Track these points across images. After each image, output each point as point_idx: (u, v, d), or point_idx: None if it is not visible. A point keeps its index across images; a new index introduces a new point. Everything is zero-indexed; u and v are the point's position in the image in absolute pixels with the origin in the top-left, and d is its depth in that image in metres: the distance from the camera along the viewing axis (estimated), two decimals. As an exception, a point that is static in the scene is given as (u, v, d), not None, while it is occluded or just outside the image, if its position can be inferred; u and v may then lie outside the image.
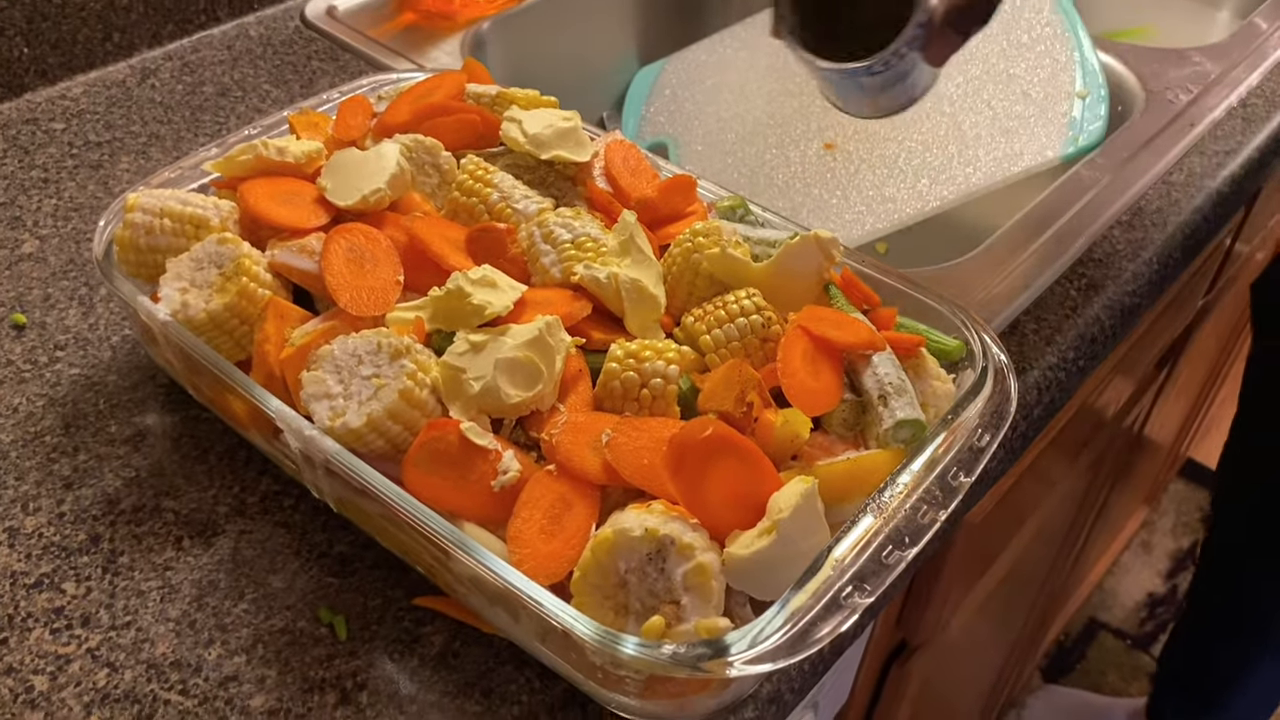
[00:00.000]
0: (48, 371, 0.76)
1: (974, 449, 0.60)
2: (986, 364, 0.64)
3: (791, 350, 0.62)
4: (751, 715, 0.60)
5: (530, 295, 0.65)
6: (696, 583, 0.52)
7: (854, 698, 0.98)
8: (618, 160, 0.76)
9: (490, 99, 0.81)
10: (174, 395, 0.75)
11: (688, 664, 0.49)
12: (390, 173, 0.71)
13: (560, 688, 0.60)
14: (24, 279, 0.83)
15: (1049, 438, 0.99)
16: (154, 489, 0.69)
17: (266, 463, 0.71)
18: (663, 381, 0.60)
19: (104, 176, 0.94)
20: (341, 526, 0.67)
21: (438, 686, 0.60)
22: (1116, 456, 1.45)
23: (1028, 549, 1.25)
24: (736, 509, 0.54)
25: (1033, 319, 0.85)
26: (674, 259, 0.68)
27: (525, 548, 0.54)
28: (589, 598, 0.53)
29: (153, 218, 0.69)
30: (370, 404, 0.58)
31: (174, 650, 0.61)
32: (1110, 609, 2.14)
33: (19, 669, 0.59)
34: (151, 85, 1.06)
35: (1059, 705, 1.91)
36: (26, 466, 0.70)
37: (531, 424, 0.60)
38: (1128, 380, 1.21)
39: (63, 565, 0.64)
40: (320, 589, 0.64)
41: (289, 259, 0.68)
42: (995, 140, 1.06)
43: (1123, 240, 0.93)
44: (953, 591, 1.00)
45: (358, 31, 1.16)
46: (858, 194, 1.10)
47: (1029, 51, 1.12)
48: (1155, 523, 2.30)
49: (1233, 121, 1.08)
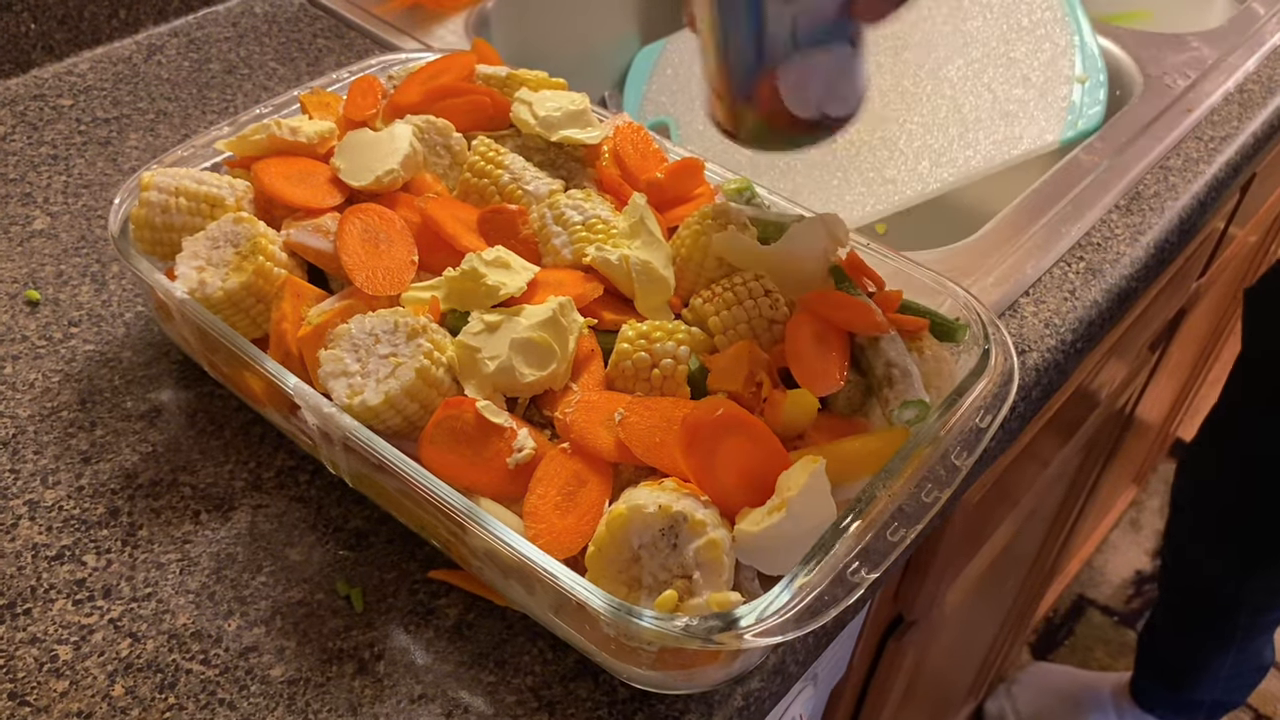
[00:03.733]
0: (63, 348, 0.77)
1: (976, 429, 0.62)
2: (989, 346, 0.66)
3: (799, 332, 0.63)
4: (758, 686, 0.62)
5: (542, 276, 0.67)
6: (708, 558, 0.53)
7: (851, 670, 1.01)
8: (627, 143, 0.77)
9: (500, 80, 0.81)
10: (188, 371, 0.76)
11: (700, 636, 0.51)
12: (403, 154, 0.72)
13: (572, 659, 0.62)
14: (36, 255, 0.84)
15: (1044, 419, 1.00)
16: (171, 464, 0.70)
17: (281, 438, 0.72)
18: (673, 362, 0.61)
19: (113, 153, 0.95)
20: (356, 501, 0.68)
21: (453, 657, 0.61)
22: (1108, 437, 1.47)
23: (1021, 528, 1.27)
24: (746, 487, 0.56)
25: (1032, 301, 0.86)
26: (683, 241, 0.69)
27: (541, 523, 0.56)
28: (603, 572, 0.54)
29: (168, 196, 0.70)
30: (388, 382, 0.59)
31: (194, 621, 0.62)
32: (1099, 586, 2.18)
33: (43, 639, 0.61)
34: (158, 62, 1.06)
35: (1047, 682, 1.94)
36: (45, 441, 0.71)
37: (545, 403, 0.62)
38: (1121, 362, 1.23)
39: (83, 538, 0.66)
40: (337, 562, 0.65)
41: (304, 238, 0.69)
42: (995, 124, 1.08)
43: (1120, 224, 0.94)
44: (948, 568, 1.02)
45: (363, 9, 1.17)
46: (858, 175, 1.11)
47: (1029, 35, 1.13)
48: (1144, 502, 2.33)
49: (1229, 107, 1.09)
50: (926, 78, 1.15)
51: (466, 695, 0.60)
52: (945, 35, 1.17)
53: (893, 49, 1.19)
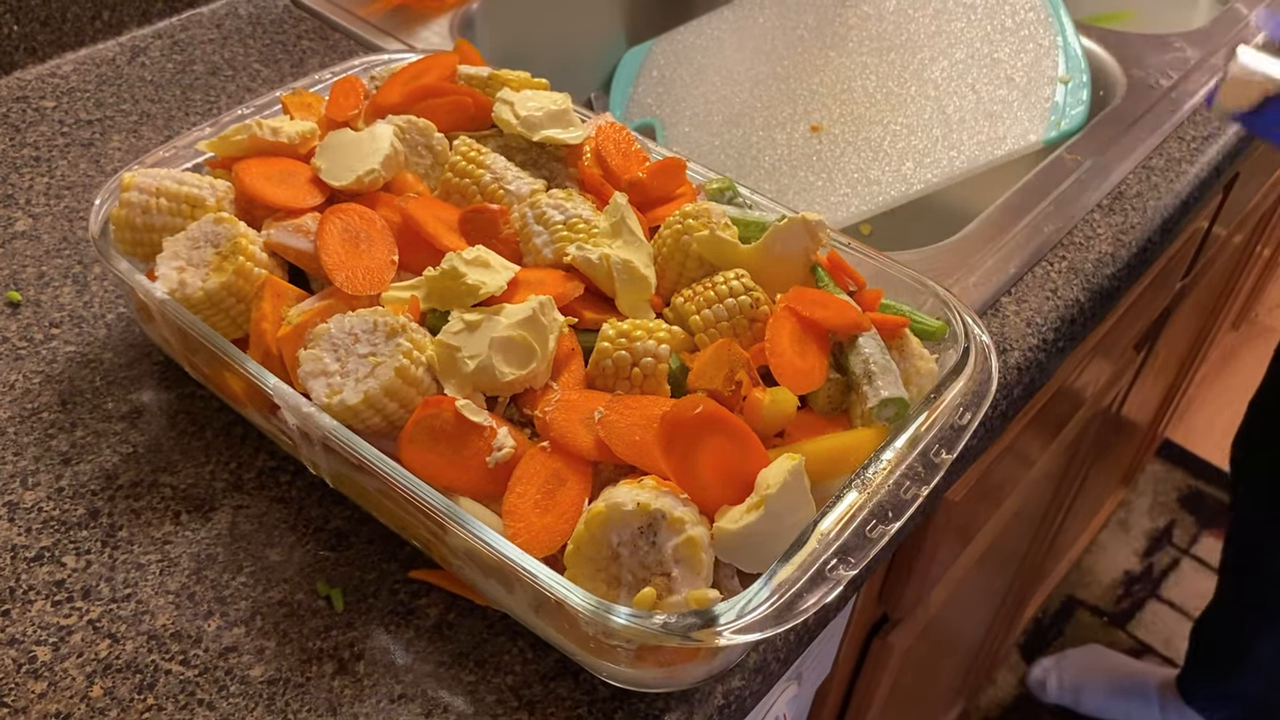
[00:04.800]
0: (44, 349, 0.77)
1: (955, 427, 0.62)
2: (969, 344, 0.66)
3: (779, 330, 0.63)
4: (739, 684, 0.62)
5: (523, 275, 0.67)
6: (687, 555, 0.53)
7: (837, 669, 1.01)
8: (609, 142, 0.77)
9: (482, 81, 0.81)
10: (169, 372, 0.76)
11: (678, 633, 0.51)
12: (384, 154, 0.72)
13: (553, 658, 0.62)
14: (17, 257, 0.84)
15: (1028, 417, 1.01)
16: (151, 465, 0.70)
17: (262, 439, 0.72)
18: (654, 360, 0.61)
19: (96, 155, 0.94)
20: (337, 502, 0.68)
21: (433, 657, 0.61)
22: (1095, 437, 1.48)
23: (1007, 527, 1.28)
24: (726, 485, 0.56)
25: (1014, 300, 0.87)
26: (664, 240, 0.69)
27: (520, 521, 0.56)
28: (582, 570, 0.54)
29: (149, 197, 0.70)
30: (367, 381, 0.59)
31: (174, 622, 0.62)
32: (1088, 586, 2.18)
33: (21, 640, 0.61)
34: (142, 63, 1.06)
35: (1098, 661, 1.94)
36: (25, 442, 0.71)
37: (525, 401, 0.62)
38: (1106, 362, 1.23)
39: (63, 539, 0.66)
40: (317, 563, 0.65)
41: (285, 238, 0.68)
42: (979, 124, 1.08)
43: (1103, 223, 0.95)
44: (933, 567, 1.02)
45: (347, 11, 1.17)
46: (843, 176, 1.12)
47: (1013, 36, 1.13)
48: (1133, 503, 2.34)
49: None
50: (911, 78, 1.15)
51: (447, 695, 0.60)
52: (929, 36, 1.17)
53: (877, 50, 1.19)
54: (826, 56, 1.22)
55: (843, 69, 1.20)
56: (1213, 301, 1.80)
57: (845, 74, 1.19)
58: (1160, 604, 2.15)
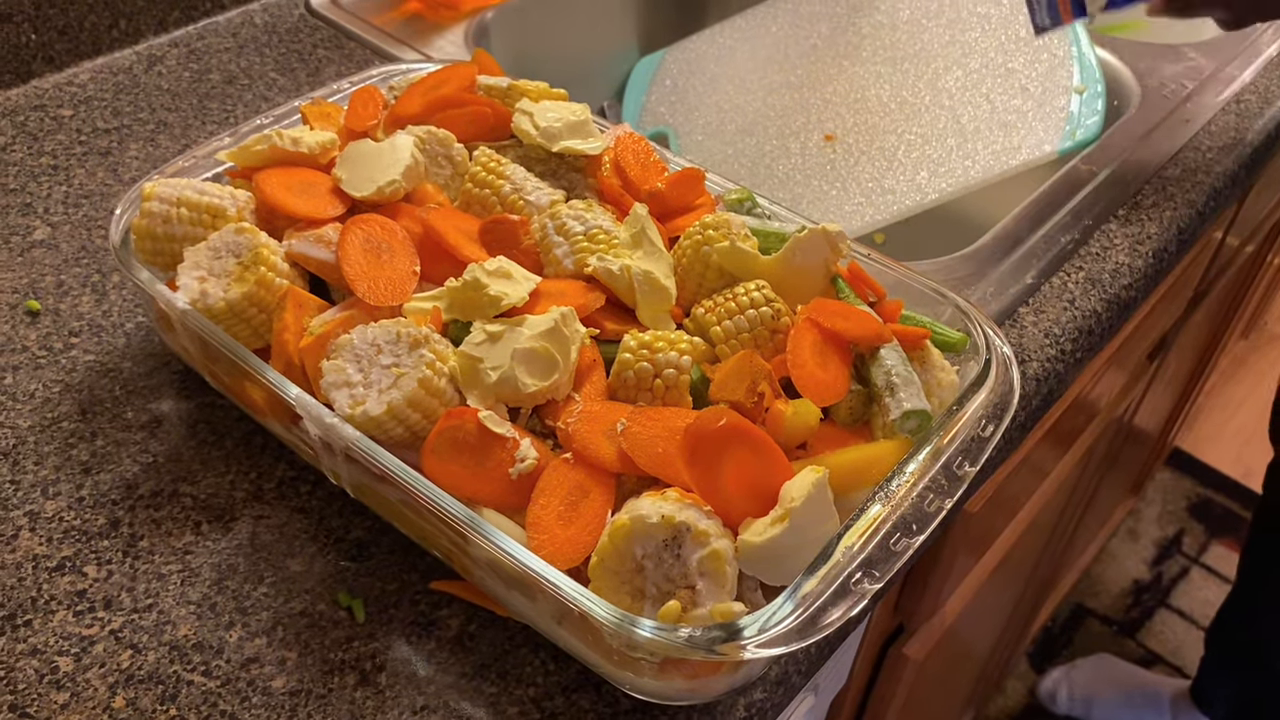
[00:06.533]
0: (63, 358, 0.77)
1: (978, 439, 0.62)
2: (990, 356, 0.66)
3: (801, 342, 0.63)
4: (760, 697, 0.62)
5: (544, 286, 0.67)
6: (711, 568, 0.53)
7: (852, 679, 1.00)
8: (628, 153, 0.77)
9: (501, 91, 0.82)
10: (189, 382, 0.76)
11: (703, 647, 0.50)
12: (405, 164, 0.72)
13: (574, 669, 0.61)
14: (37, 265, 0.84)
15: (1044, 428, 1.01)
16: (171, 474, 0.70)
17: (282, 449, 0.72)
18: (675, 372, 0.61)
19: (113, 164, 0.95)
20: (357, 512, 0.68)
21: (454, 668, 0.61)
22: (1107, 447, 1.47)
23: (1021, 537, 1.27)
24: (749, 497, 0.56)
25: (1032, 311, 0.87)
26: (684, 251, 0.69)
27: (544, 533, 0.56)
28: (606, 582, 0.54)
29: (170, 207, 0.70)
30: (390, 392, 0.59)
31: (195, 632, 0.62)
32: (1097, 595, 2.17)
33: (44, 650, 0.61)
34: (158, 72, 1.06)
35: (1109, 672, 1.93)
36: (45, 451, 0.71)
37: (547, 413, 0.62)
38: (1120, 372, 1.23)
39: (84, 549, 0.66)
40: (338, 573, 0.65)
41: (306, 249, 0.69)
42: (993, 134, 1.08)
43: (1119, 234, 0.95)
44: (949, 578, 1.02)
45: (362, 20, 1.17)
46: (857, 186, 1.12)
47: (1027, 46, 1.13)
48: (1142, 511, 2.33)
49: (1227, 117, 1.10)
50: (925, 88, 1.15)
51: (469, 706, 0.59)
52: (943, 45, 1.17)
53: (891, 59, 1.19)
54: (840, 65, 1.22)
55: (856, 78, 1.20)
56: (1224, 310, 1.80)
57: (859, 83, 1.19)
58: (1169, 613, 2.15)
